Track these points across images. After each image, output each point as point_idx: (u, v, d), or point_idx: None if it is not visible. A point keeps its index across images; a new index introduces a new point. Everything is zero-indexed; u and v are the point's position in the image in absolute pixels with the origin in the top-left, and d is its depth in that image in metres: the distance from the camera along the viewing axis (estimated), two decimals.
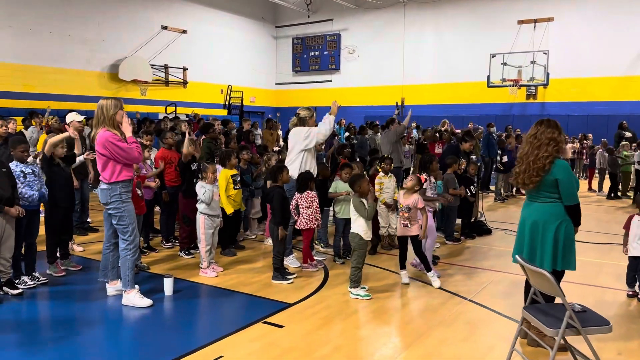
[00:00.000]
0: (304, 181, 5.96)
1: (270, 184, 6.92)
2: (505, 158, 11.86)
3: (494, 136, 13.30)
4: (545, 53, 18.34)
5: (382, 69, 23.75)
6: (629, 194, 12.12)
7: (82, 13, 17.85)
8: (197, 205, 5.90)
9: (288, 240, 6.07)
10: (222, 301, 5.16)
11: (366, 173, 7.51)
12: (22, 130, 10.70)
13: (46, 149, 5.62)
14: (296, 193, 6.03)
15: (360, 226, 5.28)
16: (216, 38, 23.02)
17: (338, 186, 6.66)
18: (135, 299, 4.88)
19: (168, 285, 5.20)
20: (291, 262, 6.21)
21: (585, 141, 16.69)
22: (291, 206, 5.96)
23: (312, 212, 6.01)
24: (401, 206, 5.57)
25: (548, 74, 18.42)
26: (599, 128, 17.76)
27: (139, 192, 6.20)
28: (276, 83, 26.91)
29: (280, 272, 5.66)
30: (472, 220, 8.31)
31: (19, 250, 5.26)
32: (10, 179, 5.02)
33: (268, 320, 4.56)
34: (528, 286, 4.01)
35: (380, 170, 7.26)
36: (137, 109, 17.78)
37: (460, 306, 4.98)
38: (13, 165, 5.25)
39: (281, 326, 4.43)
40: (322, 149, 9.62)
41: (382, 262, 6.50)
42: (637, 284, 5.27)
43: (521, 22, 20.35)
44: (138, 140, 5.42)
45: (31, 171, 5.34)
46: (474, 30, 21.44)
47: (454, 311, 4.85)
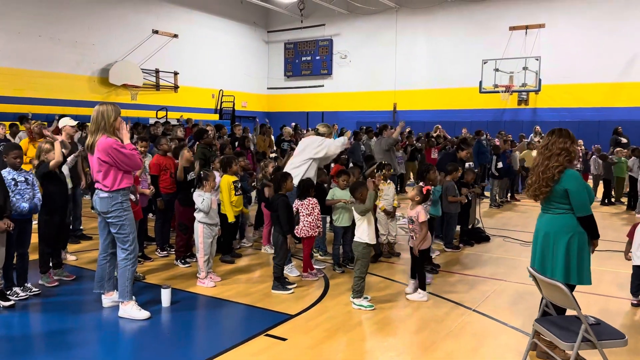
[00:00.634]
0: (305, 188, 5.85)
1: (268, 191, 6.83)
2: (500, 164, 11.82)
3: (484, 143, 13.22)
4: (536, 59, 18.40)
5: (375, 75, 23.72)
6: (623, 200, 12.16)
7: (72, 16, 17.61)
8: (195, 214, 5.76)
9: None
10: (222, 313, 5.02)
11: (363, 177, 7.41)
12: (7, 135, 10.45)
13: (52, 165, 5.45)
14: (297, 200, 5.92)
15: (363, 232, 5.16)
16: (207, 42, 22.86)
17: (335, 193, 6.51)
18: (132, 311, 4.73)
19: (166, 296, 5.06)
20: (291, 271, 6.08)
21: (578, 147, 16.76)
22: None
23: (313, 220, 5.90)
24: (407, 217, 5.45)
25: (540, 80, 18.48)
26: (591, 134, 17.83)
27: (133, 198, 6.05)
28: (268, 88, 26.78)
29: (280, 282, 5.54)
30: (470, 227, 8.26)
31: (10, 260, 5.08)
32: (2, 189, 4.81)
33: (270, 332, 4.44)
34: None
35: (378, 176, 7.18)
36: (128, 114, 17.55)
37: (465, 317, 4.89)
38: (5, 172, 5.07)
39: (284, 339, 4.31)
40: None
41: (383, 271, 6.40)
42: None
43: (513, 29, 20.43)
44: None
45: (24, 179, 5.16)
46: (466, 36, 21.48)
47: (460, 322, 4.75)
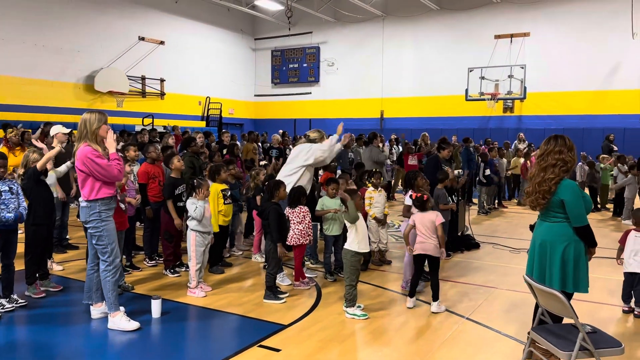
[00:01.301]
0: (296, 196, 5.81)
1: (260, 199, 6.78)
2: (487, 171, 11.90)
3: (472, 150, 13.32)
4: (522, 67, 18.60)
5: (362, 82, 23.81)
6: (608, 207, 12.30)
7: (57, 23, 17.41)
8: (188, 222, 5.68)
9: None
10: (214, 323, 4.94)
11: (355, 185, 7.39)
12: None
13: (40, 165, 5.35)
14: (287, 208, 5.86)
15: (352, 240, 5.13)
16: (194, 49, 22.76)
17: (325, 203, 6.47)
18: (121, 322, 4.64)
19: (156, 307, 4.97)
20: (282, 280, 6.02)
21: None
22: None
23: (304, 228, 5.85)
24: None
25: (525, 88, 18.68)
26: (575, 141, 17.66)
27: (123, 207, 5.96)
28: (255, 95, 26.73)
29: (272, 291, 5.47)
30: (460, 234, 8.27)
31: None
32: None
33: (263, 343, 4.37)
34: (537, 306, 3.89)
35: (369, 185, 7.17)
36: (114, 121, 17.36)
37: (459, 325, 4.87)
38: None
39: (278, 350, 4.25)
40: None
41: (374, 279, 6.37)
42: (633, 300, 5.25)
43: (498, 37, 20.68)
44: (120, 155, 5.21)
45: (7, 188, 5.04)
46: (452, 44, 21.70)
47: (454, 330, 4.73)
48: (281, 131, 17.23)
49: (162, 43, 21.19)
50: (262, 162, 10.15)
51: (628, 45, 18.39)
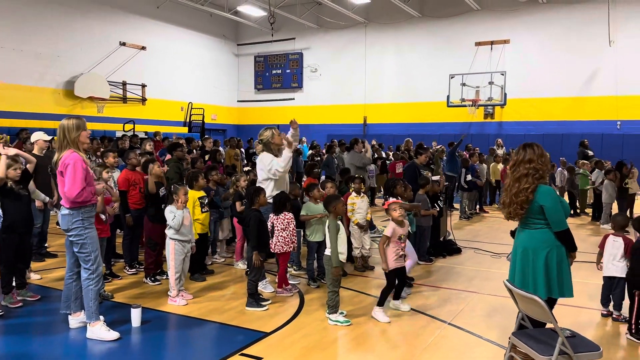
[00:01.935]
0: (281, 202, 5.77)
1: (240, 206, 6.74)
2: (469, 177, 12.01)
3: (456, 155, 13.43)
4: (502, 74, 18.85)
5: (345, 88, 23.92)
6: (587, 211, 12.48)
7: (36, 27, 17.17)
8: (166, 230, 5.61)
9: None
10: (195, 332, 4.88)
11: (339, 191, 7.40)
12: None
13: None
14: (271, 215, 5.84)
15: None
16: (176, 55, 22.64)
17: (309, 208, 6.48)
18: (101, 332, 4.56)
19: (136, 315, 4.90)
20: (265, 287, 5.99)
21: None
22: None
23: (288, 235, 5.83)
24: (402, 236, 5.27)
25: (505, 94, 18.93)
26: (554, 146, 18.28)
27: (103, 217, 5.89)
28: (238, 100, 26.67)
29: (254, 298, 5.43)
30: (442, 239, 8.32)
31: None
32: None
33: (245, 351, 4.33)
34: None
35: (351, 190, 7.18)
36: (94, 127, 17.16)
37: (441, 330, 4.89)
38: None
39: (260, 358, 4.21)
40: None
41: (357, 285, 6.36)
42: (612, 304, 5.32)
43: (479, 44, 20.95)
44: (99, 160, 5.15)
45: None
46: (434, 51, 21.93)
47: (436, 335, 4.75)
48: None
49: (144, 48, 21.04)
50: (246, 168, 10.09)
51: (605, 52, 18.78)
